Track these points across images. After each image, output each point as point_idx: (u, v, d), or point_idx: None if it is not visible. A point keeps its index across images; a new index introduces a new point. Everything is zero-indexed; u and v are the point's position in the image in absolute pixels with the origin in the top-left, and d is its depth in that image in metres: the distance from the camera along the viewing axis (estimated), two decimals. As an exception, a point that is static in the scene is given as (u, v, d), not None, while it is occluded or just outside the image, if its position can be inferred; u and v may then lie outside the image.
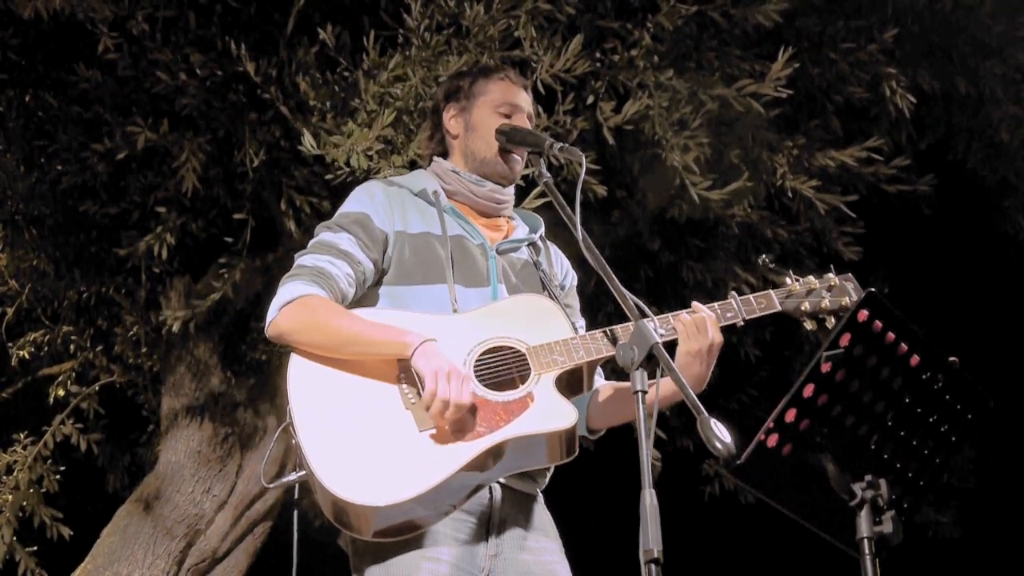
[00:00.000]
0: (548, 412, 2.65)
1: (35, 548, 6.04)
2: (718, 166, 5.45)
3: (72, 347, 6.49)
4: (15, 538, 5.96)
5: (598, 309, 5.84)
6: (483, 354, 2.72)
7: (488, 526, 2.71)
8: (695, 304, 2.84)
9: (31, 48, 5.73)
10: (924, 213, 6.53)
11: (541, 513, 2.85)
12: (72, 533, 6.07)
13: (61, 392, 6.38)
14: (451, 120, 3.08)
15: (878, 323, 2.29)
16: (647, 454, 2.18)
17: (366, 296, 2.86)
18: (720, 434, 2.14)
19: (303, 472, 2.61)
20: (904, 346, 2.31)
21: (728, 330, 2.88)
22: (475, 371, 2.69)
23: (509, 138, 2.95)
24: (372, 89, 4.92)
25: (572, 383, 2.77)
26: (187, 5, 5.34)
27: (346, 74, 5.19)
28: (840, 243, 6.06)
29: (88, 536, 6.05)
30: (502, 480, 2.72)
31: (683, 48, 5.56)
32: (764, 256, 3.10)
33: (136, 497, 6.07)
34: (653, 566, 2.09)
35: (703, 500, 6.95)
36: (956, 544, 7.47)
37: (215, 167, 5.62)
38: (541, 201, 4.60)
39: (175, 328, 5.54)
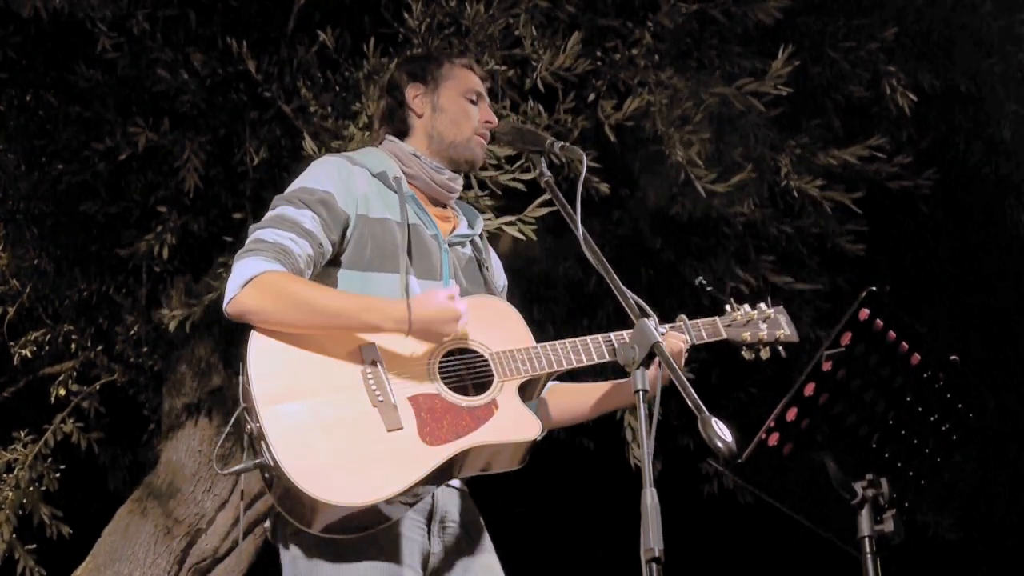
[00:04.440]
0: (514, 422, 2.63)
1: (34, 546, 6.03)
2: (721, 164, 5.45)
3: (73, 346, 6.48)
4: (14, 535, 5.95)
5: (598, 308, 5.84)
6: (446, 355, 2.69)
7: (431, 524, 2.71)
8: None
9: (31, 47, 5.72)
10: (925, 211, 6.53)
11: (471, 506, 2.85)
12: (72, 532, 6.07)
13: (62, 391, 6.37)
14: (415, 99, 3.01)
15: (879, 322, 2.29)
16: (648, 453, 2.18)
17: (321, 277, 2.77)
18: (721, 433, 2.14)
19: (260, 459, 2.51)
20: (905, 345, 2.32)
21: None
22: (440, 373, 2.66)
23: (511, 138, 2.94)
24: (375, 96, 4.91)
25: (528, 390, 2.76)
26: (187, 4, 5.34)
27: (346, 74, 5.19)
28: (843, 241, 6.06)
29: (88, 535, 6.05)
30: None
31: (684, 46, 5.56)
32: (700, 279, 3.10)
33: (137, 496, 6.07)
34: (654, 565, 2.09)
35: (702, 499, 6.95)
36: (956, 544, 7.46)
37: (216, 166, 5.62)
38: (547, 210, 4.57)
39: (172, 327, 5.53)
